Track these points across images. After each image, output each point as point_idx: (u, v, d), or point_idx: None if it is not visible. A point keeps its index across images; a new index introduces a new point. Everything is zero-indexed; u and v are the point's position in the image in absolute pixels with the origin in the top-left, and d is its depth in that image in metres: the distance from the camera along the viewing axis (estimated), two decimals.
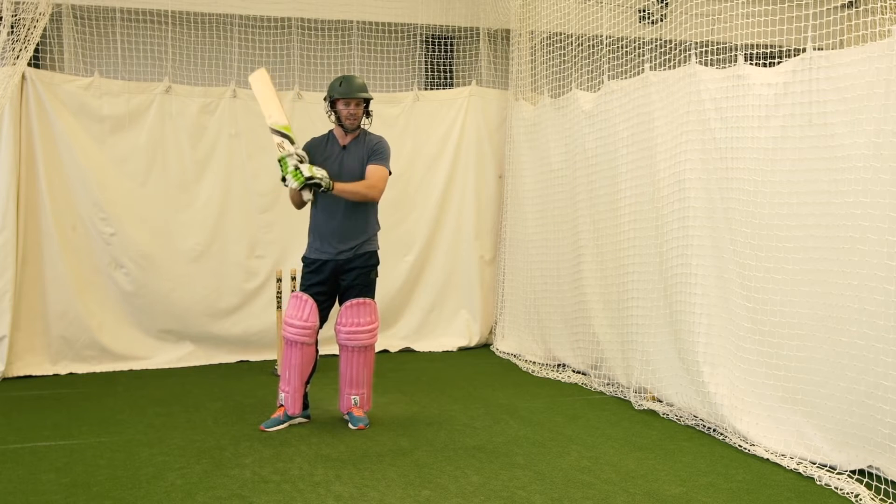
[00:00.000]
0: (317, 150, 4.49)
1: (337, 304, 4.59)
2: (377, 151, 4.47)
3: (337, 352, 4.64)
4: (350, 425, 4.47)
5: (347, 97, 4.40)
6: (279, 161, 4.25)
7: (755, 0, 4.42)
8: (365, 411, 4.56)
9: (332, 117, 4.51)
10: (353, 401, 4.52)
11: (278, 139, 4.32)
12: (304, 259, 4.57)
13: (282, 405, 4.51)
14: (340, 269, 4.46)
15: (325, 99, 4.51)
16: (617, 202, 5.25)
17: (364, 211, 4.48)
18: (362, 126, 4.55)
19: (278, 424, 4.46)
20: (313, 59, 6.86)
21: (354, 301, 4.45)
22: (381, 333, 6.83)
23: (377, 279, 4.59)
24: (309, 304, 4.42)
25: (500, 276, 7.00)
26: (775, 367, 3.95)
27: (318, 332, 4.48)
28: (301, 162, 4.24)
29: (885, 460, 3.51)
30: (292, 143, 4.31)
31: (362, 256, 4.47)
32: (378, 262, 4.57)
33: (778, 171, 3.95)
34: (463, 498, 3.40)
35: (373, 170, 4.42)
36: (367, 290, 4.50)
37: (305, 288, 4.48)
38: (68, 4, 6.31)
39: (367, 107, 4.52)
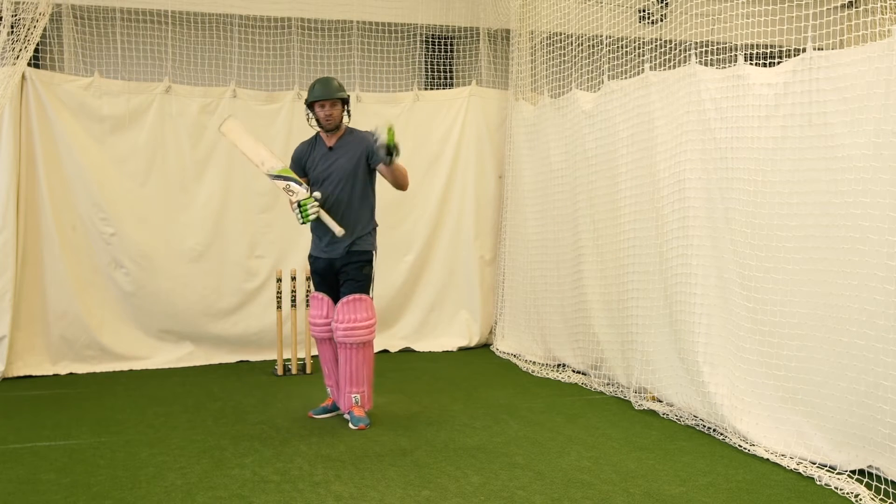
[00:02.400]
0: (303, 156, 4.61)
1: None
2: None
3: None
4: (350, 425, 4.47)
5: (322, 99, 4.45)
6: (299, 205, 4.36)
7: (755, 0, 4.41)
8: (366, 410, 4.57)
9: (313, 121, 4.58)
10: (354, 399, 4.51)
11: (283, 183, 4.44)
12: (308, 257, 4.70)
13: (330, 397, 4.74)
14: (336, 266, 4.53)
15: (305, 103, 4.58)
16: (617, 202, 5.25)
17: (362, 210, 4.53)
18: (344, 124, 4.60)
19: (326, 413, 4.71)
20: (313, 59, 6.86)
21: (349, 297, 4.47)
22: (381, 333, 6.83)
23: (373, 277, 4.59)
24: (326, 302, 4.60)
25: (500, 276, 7.00)
26: (775, 367, 3.95)
27: None
28: (311, 200, 4.38)
29: (885, 460, 3.50)
30: (298, 182, 4.42)
31: (355, 254, 4.51)
32: (371, 258, 4.59)
33: (778, 171, 3.95)
34: (463, 498, 3.40)
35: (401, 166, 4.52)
36: (362, 286, 4.51)
37: (317, 286, 4.67)
38: (68, 4, 6.31)
39: (346, 107, 4.57)
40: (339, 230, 4.35)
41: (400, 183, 4.53)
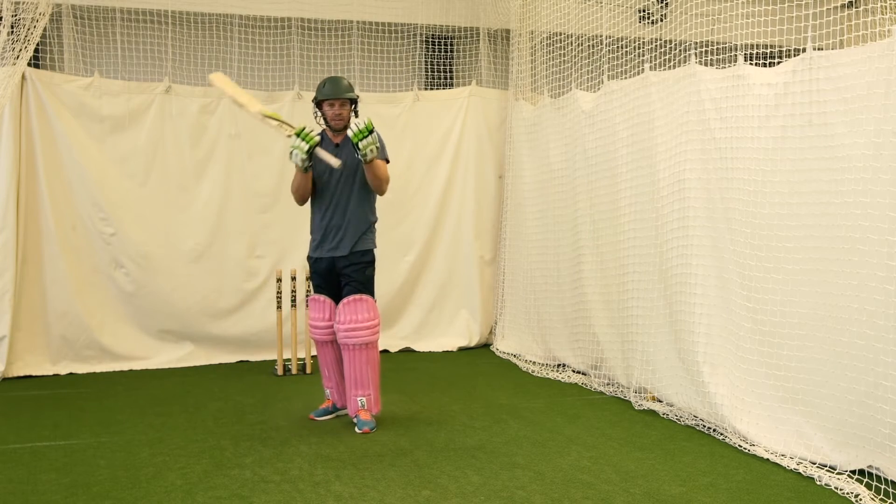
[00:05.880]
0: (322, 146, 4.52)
1: None
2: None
3: None
4: (356, 429, 4.41)
5: (332, 98, 4.46)
6: (300, 135, 4.29)
7: (755, 0, 4.42)
8: (374, 414, 4.51)
9: (320, 120, 4.58)
10: (360, 403, 4.45)
11: (275, 123, 4.43)
12: (308, 258, 4.66)
13: (329, 398, 4.72)
14: (337, 267, 4.49)
15: (312, 101, 4.59)
16: (617, 202, 5.25)
17: (363, 207, 4.51)
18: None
19: (327, 414, 4.70)
20: (313, 59, 6.87)
21: (351, 298, 4.44)
22: (382, 333, 6.79)
23: (374, 276, 4.56)
24: (328, 305, 4.57)
25: (500, 276, 7.00)
26: (775, 367, 3.95)
27: None
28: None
29: (885, 460, 3.51)
30: (289, 125, 4.42)
31: (357, 254, 4.48)
32: (374, 259, 4.56)
33: (778, 171, 3.95)
34: (463, 498, 3.40)
35: (382, 164, 4.45)
36: (364, 286, 4.48)
37: (316, 288, 4.64)
38: (68, 4, 6.31)
39: (354, 107, 4.57)
40: (335, 161, 4.29)
41: (374, 185, 4.46)
